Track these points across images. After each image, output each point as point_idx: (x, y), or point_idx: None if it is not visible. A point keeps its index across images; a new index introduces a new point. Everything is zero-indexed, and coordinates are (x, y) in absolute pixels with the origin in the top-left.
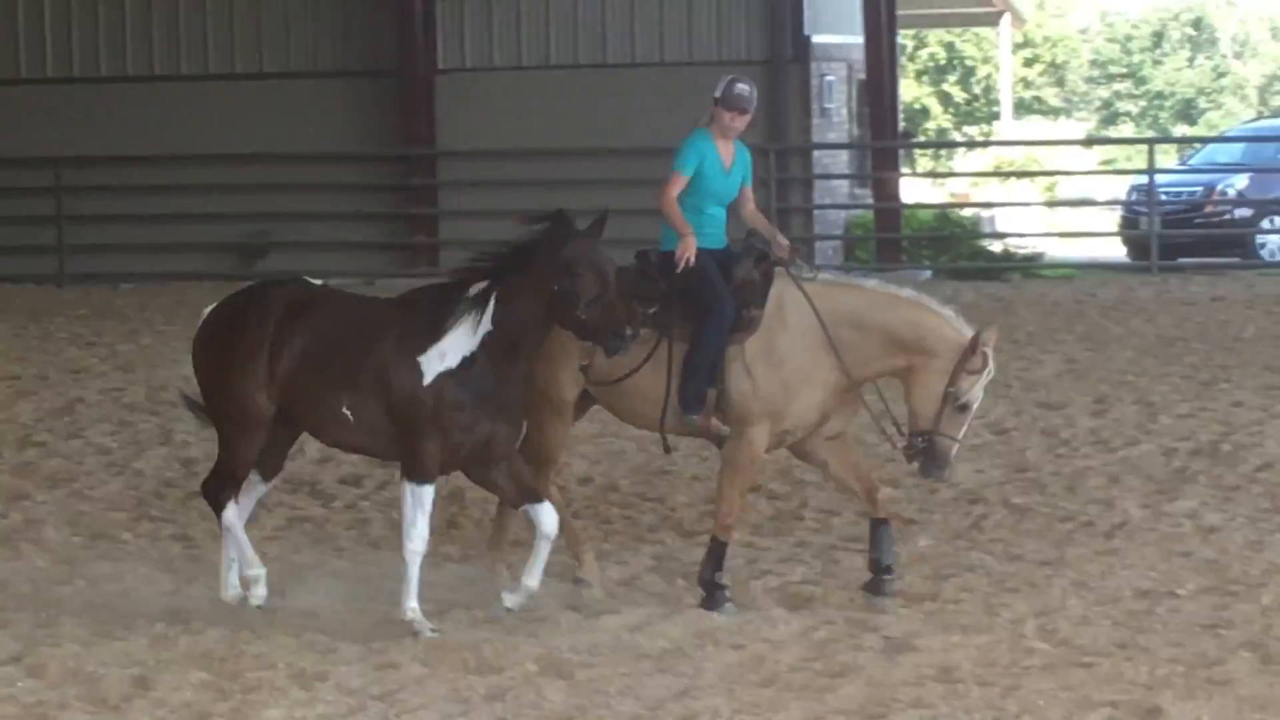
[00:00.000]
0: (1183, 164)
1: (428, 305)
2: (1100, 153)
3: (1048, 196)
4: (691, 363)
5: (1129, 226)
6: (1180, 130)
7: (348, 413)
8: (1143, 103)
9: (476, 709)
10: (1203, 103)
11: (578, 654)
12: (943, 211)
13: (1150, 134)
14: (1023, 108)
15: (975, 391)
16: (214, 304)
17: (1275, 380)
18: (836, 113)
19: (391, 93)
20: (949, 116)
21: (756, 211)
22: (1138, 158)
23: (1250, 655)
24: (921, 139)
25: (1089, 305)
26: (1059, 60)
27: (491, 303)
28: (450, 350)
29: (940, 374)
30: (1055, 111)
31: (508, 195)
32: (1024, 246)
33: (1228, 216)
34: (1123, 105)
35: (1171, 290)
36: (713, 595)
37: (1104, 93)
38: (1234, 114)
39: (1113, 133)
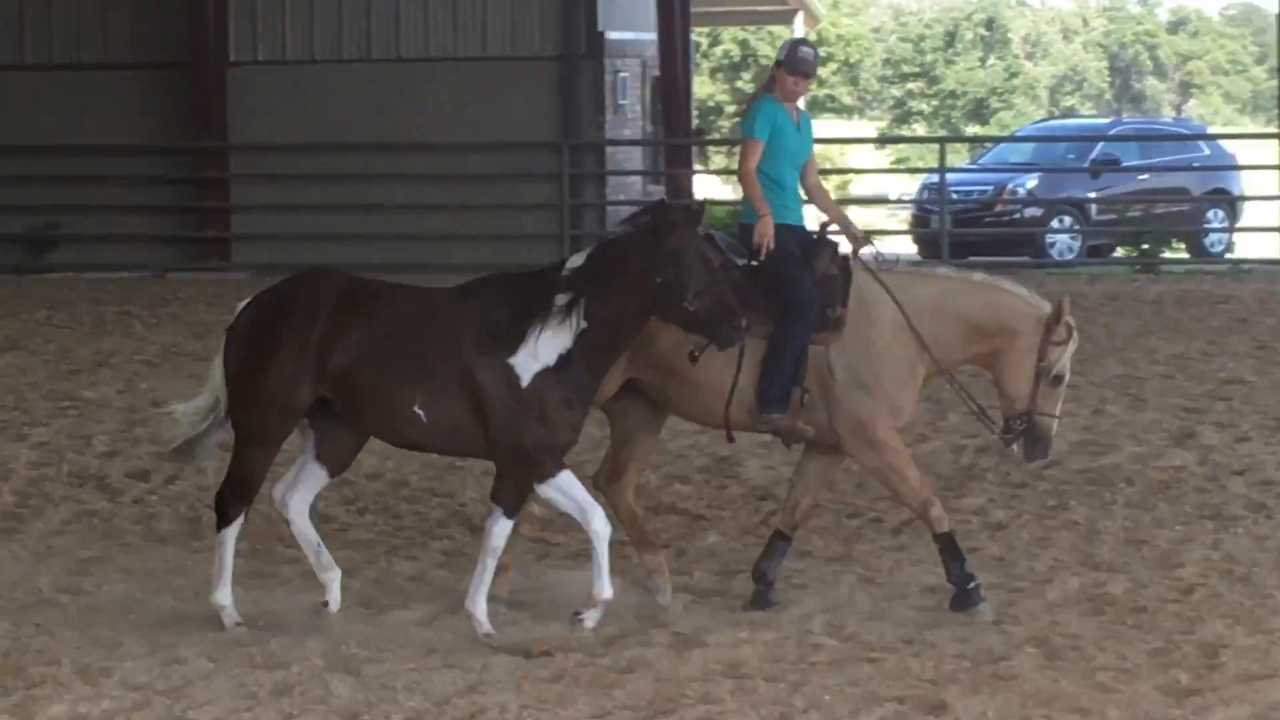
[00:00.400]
0: (974, 163)
1: (506, 299)
2: (893, 151)
3: (840, 194)
4: (775, 358)
5: (920, 225)
6: (972, 129)
7: (419, 412)
8: (935, 102)
9: (263, 704)
10: (994, 102)
11: (365, 649)
12: (736, 209)
13: (942, 133)
14: (816, 106)
15: (1065, 363)
16: (250, 298)
17: None
18: (630, 109)
19: (183, 85)
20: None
21: (821, 185)
22: (930, 156)
23: (1035, 651)
24: (715, 136)
25: None
26: (853, 59)
27: (583, 299)
28: (544, 349)
29: (1028, 351)
30: (849, 110)
31: (300, 189)
32: None
33: (1018, 215)
34: (915, 104)
35: None
36: (968, 593)
37: (897, 92)
38: (1025, 114)
39: (905, 131)
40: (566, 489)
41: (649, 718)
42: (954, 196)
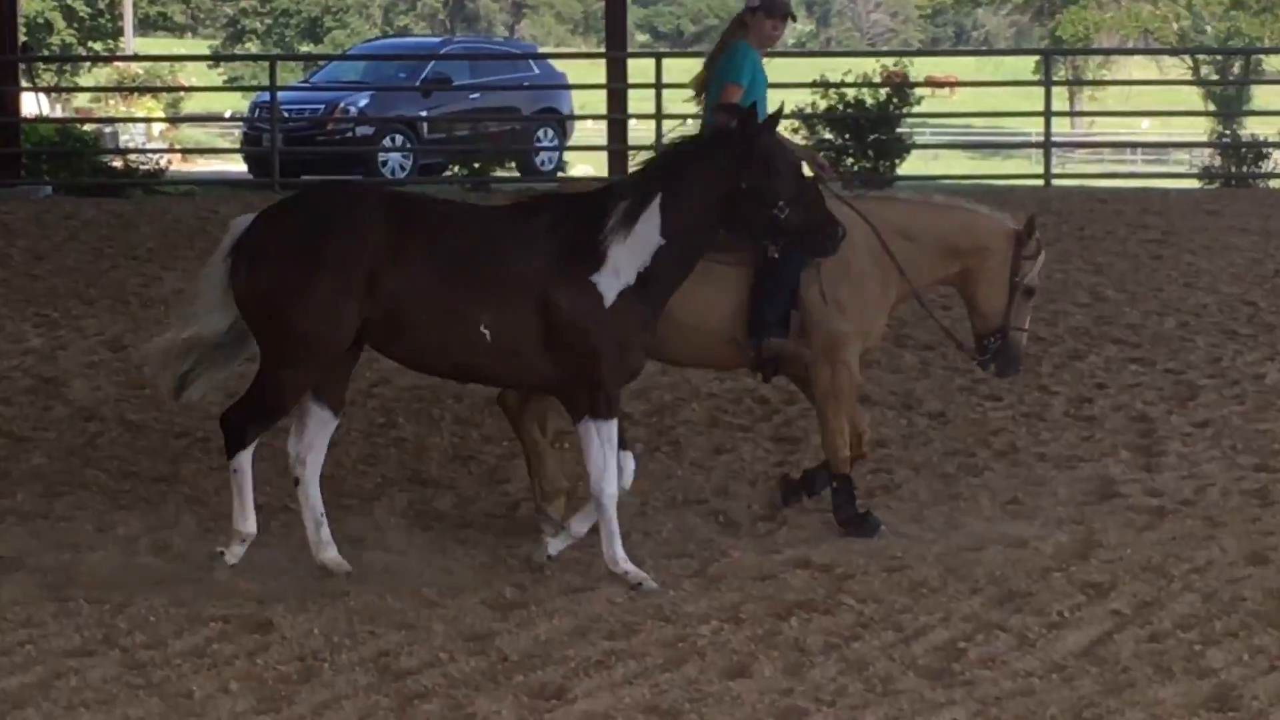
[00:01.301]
0: (306, 82)
1: (578, 215)
2: (225, 70)
3: (171, 113)
4: (776, 284)
5: (252, 144)
6: (306, 48)
7: (485, 332)
8: (269, 20)
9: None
10: (329, 21)
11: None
12: (64, 127)
13: (276, 51)
14: (148, 24)
15: (1036, 277)
16: (249, 214)
17: None
18: None
19: None
20: (73, 31)
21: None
22: (262, 75)
23: (358, 571)
24: (44, 53)
25: (210, 221)
26: None
27: (658, 210)
28: (624, 266)
29: (1002, 267)
30: (181, 28)
31: None
32: (146, 163)
33: (349, 134)
34: (249, 22)
35: None
36: (862, 525)
37: (230, 9)
38: (359, 33)
39: (239, 50)
40: (607, 439)
41: None
42: (285, 115)
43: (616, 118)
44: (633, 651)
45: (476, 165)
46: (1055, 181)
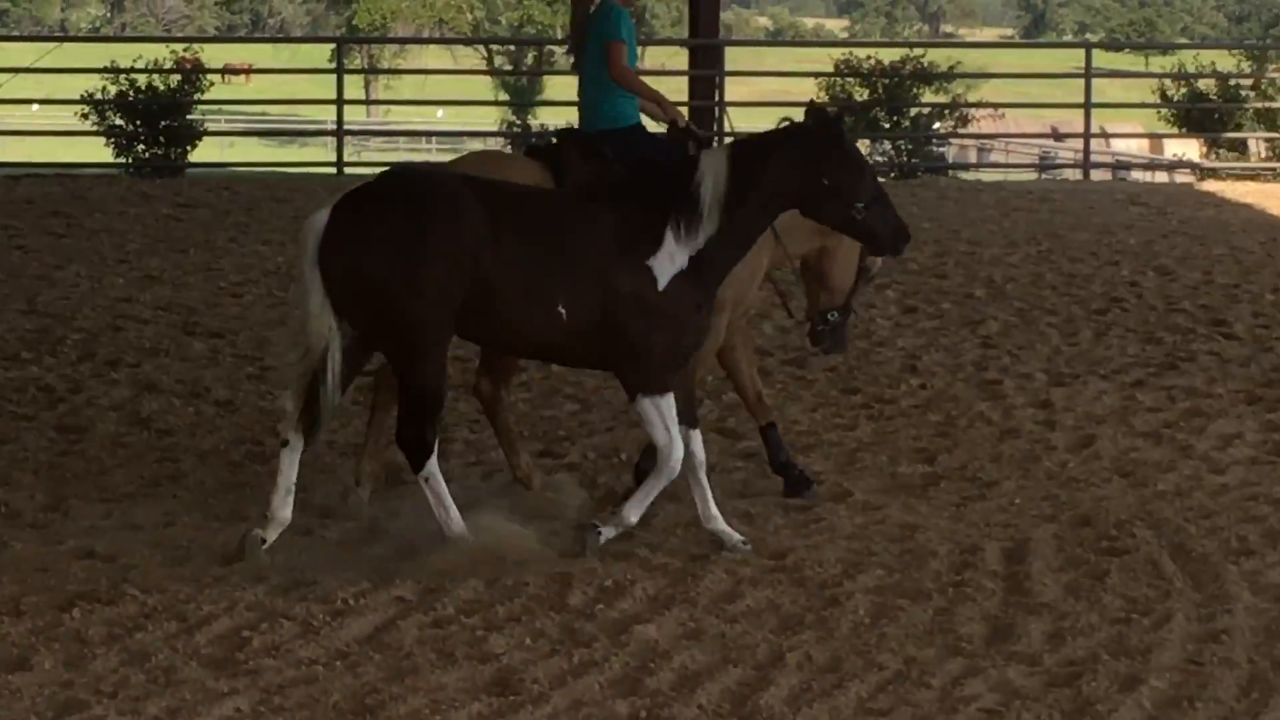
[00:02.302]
0: None
1: (646, 199)
2: None
3: None
4: None
5: None
6: None
7: (562, 311)
8: None
9: None
10: None
11: None
12: None
13: None
14: None
15: (879, 263)
16: (337, 199)
17: None
18: None
19: None
20: None
21: None
22: None
23: None
24: None
25: None
26: None
27: (723, 198)
28: (678, 251)
29: (854, 248)
30: None
31: None
32: None
33: None
34: None
35: None
36: (797, 480)
37: None
38: None
39: None
40: (665, 412)
41: None
42: None
43: None
44: None
45: None
46: (350, 170)
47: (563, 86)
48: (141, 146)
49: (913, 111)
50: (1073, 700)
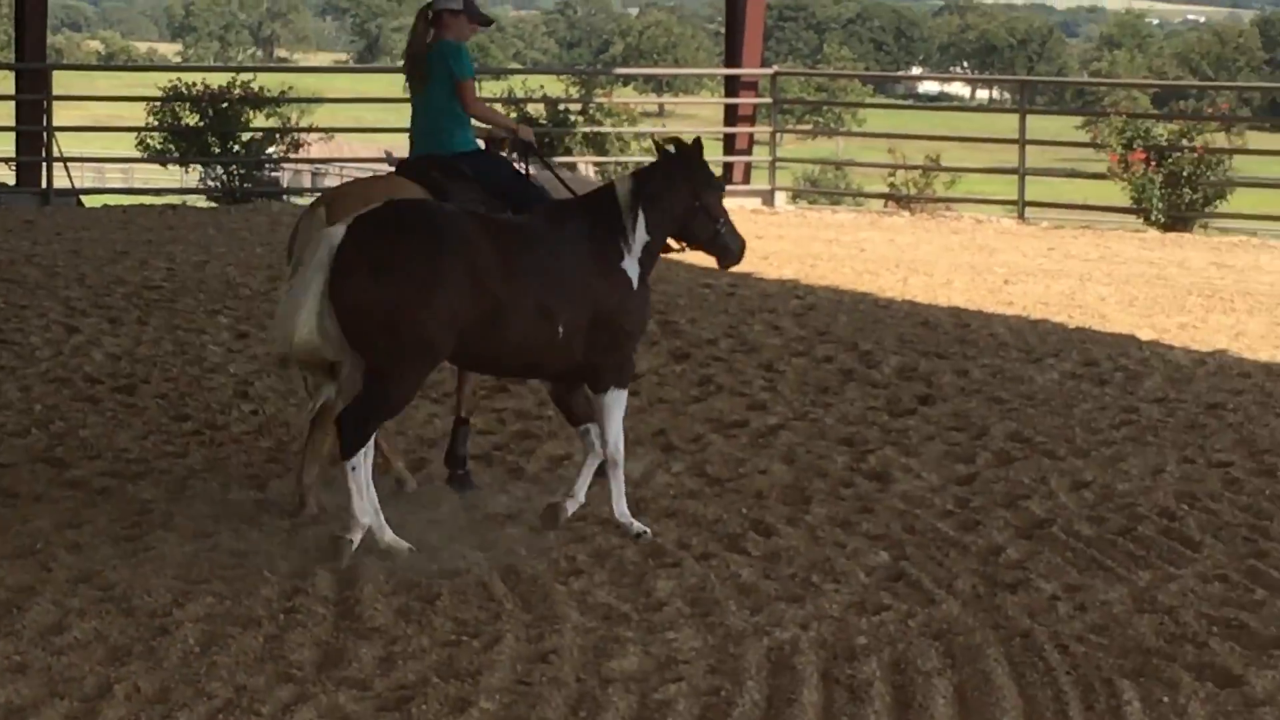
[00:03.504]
0: None
1: (593, 218)
2: None
3: None
4: None
5: None
6: None
7: (560, 329)
8: None
9: None
10: None
11: None
12: None
13: None
14: None
15: None
16: (342, 227)
17: None
18: None
19: None
20: None
21: None
22: None
23: None
24: None
25: None
26: None
27: (643, 213)
28: (633, 255)
29: None
30: None
31: None
32: None
33: None
34: None
35: None
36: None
37: None
38: None
39: None
40: (617, 405)
41: None
42: None
43: None
44: None
45: None
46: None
47: None
48: None
49: (245, 136)
50: None
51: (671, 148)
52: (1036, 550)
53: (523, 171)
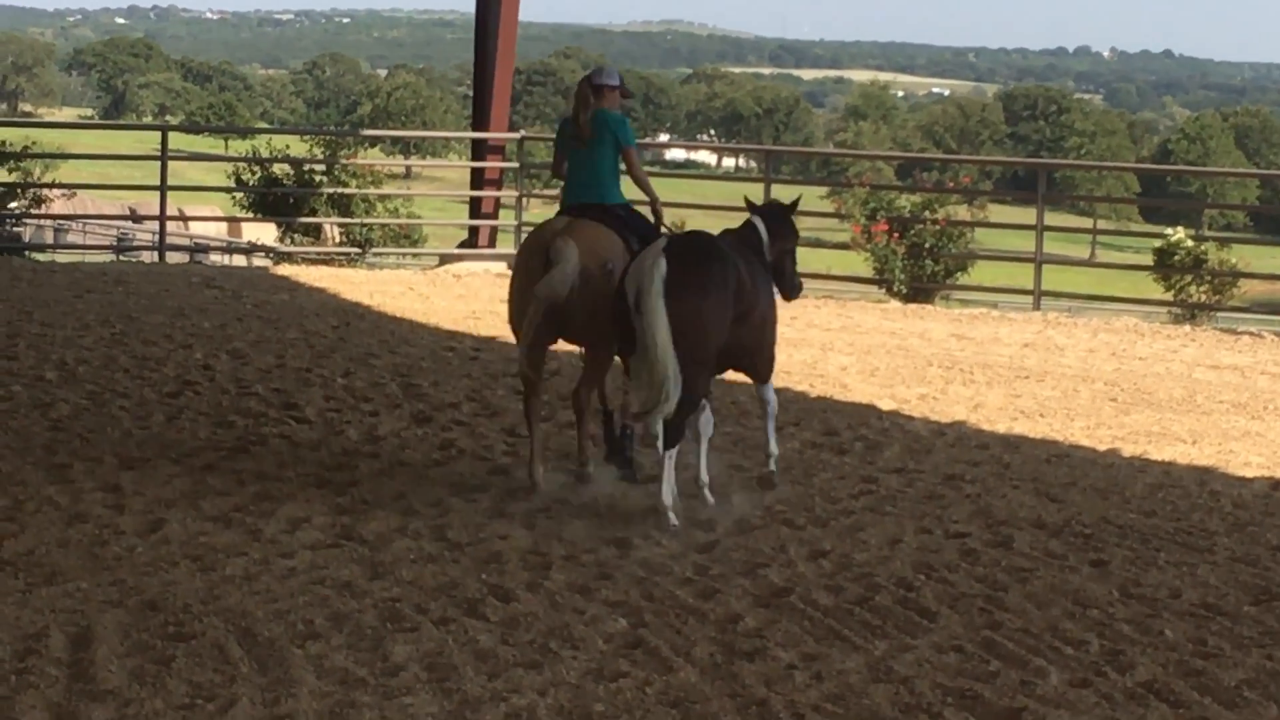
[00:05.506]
0: None
1: (743, 249)
2: None
3: None
4: None
5: None
6: None
7: (764, 328)
8: None
9: None
10: None
11: None
12: None
13: None
14: None
15: None
16: (666, 245)
17: None
18: None
19: None
20: None
21: None
22: None
23: None
24: None
25: None
26: None
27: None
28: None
29: None
30: None
31: None
32: None
33: None
34: None
35: None
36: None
37: None
38: None
39: None
40: (771, 384)
41: None
42: None
43: None
44: None
45: None
46: None
47: None
48: None
49: None
50: None
51: (785, 202)
52: (774, 619)
53: (653, 221)
